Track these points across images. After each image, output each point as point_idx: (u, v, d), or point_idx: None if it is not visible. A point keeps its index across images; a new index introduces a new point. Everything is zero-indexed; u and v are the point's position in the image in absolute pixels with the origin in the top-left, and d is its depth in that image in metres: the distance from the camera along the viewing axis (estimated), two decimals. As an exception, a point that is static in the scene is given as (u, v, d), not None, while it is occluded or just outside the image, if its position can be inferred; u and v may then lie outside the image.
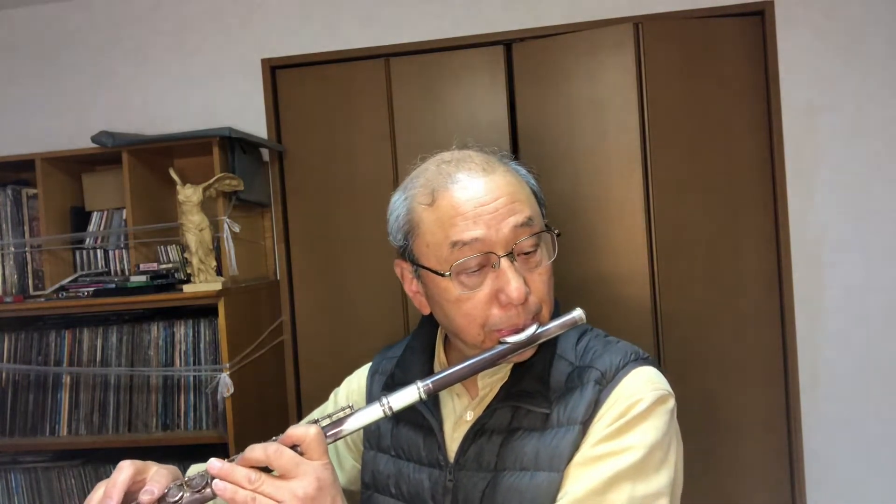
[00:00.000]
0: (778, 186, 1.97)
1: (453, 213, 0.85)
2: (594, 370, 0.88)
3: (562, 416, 0.87)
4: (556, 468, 0.84)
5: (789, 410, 1.97)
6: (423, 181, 0.90)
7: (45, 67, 2.26)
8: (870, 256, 1.98)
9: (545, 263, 0.90)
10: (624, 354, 0.90)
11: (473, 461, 0.89)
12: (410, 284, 0.96)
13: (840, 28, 1.98)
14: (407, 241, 0.91)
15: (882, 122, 1.97)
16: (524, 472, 0.86)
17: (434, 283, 0.89)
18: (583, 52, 1.97)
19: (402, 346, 1.06)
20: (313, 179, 2.13)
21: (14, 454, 1.94)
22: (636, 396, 0.85)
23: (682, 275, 1.94)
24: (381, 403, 0.81)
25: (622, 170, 1.94)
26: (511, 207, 0.86)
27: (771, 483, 1.97)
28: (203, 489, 0.75)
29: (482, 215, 0.85)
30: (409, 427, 0.97)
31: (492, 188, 0.86)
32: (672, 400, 0.88)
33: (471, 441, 0.90)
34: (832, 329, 2.00)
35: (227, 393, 1.74)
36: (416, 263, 0.91)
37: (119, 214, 2.06)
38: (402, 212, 0.92)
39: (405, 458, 0.96)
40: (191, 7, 2.20)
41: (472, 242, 0.84)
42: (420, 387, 0.81)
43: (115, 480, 0.75)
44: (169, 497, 0.74)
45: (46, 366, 1.89)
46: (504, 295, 0.84)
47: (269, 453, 0.75)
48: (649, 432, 0.83)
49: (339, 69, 2.12)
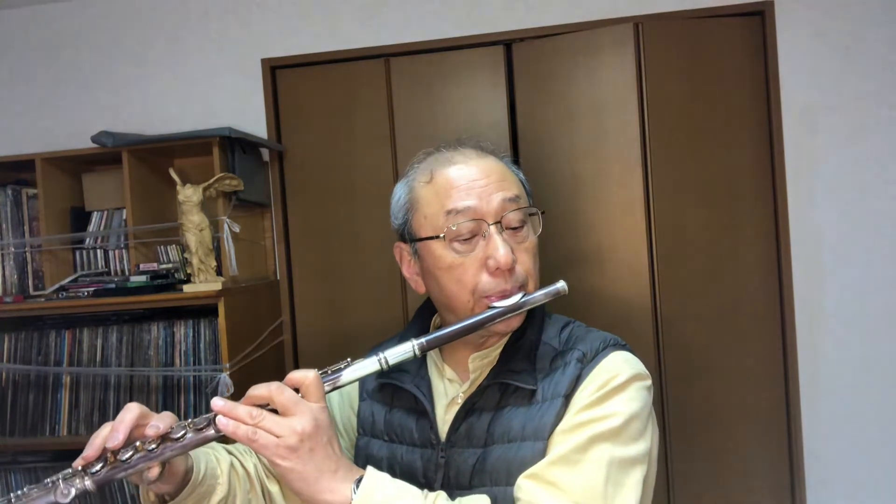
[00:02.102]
0: (778, 186, 1.97)
1: (449, 186, 0.96)
2: (577, 351, 0.96)
3: (547, 391, 0.93)
4: (540, 437, 0.90)
5: (789, 410, 1.97)
6: (423, 166, 1.02)
7: (45, 67, 2.26)
8: (870, 257, 1.98)
9: (531, 238, 0.98)
10: (604, 340, 0.98)
11: (464, 438, 0.94)
12: (409, 266, 1.04)
13: (840, 28, 1.98)
14: (407, 218, 1.01)
15: (882, 122, 1.97)
16: (511, 443, 0.91)
17: (430, 252, 0.97)
18: (583, 52, 1.97)
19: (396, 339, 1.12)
20: (313, 179, 2.13)
21: (14, 454, 1.94)
22: (615, 371, 0.92)
23: (682, 275, 1.94)
24: (377, 357, 0.87)
25: (622, 170, 1.94)
26: (501, 184, 0.96)
27: (771, 483, 1.97)
28: (205, 428, 0.79)
29: (474, 188, 0.95)
30: (402, 412, 1.01)
31: (484, 168, 0.98)
32: (649, 380, 0.95)
33: (462, 419, 0.95)
34: (832, 329, 2.00)
35: (227, 393, 1.74)
36: (414, 238, 1.00)
37: (119, 214, 2.06)
38: (403, 192, 1.03)
39: (398, 442, 1.01)
40: (191, 7, 2.20)
41: (465, 210, 0.94)
42: (415, 344, 0.88)
43: (121, 419, 0.79)
44: (173, 434, 0.78)
45: (46, 366, 1.89)
46: (493, 260, 0.92)
47: (272, 389, 0.81)
48: (628, 403, 0.89)
49: (339, 69, 2.12)
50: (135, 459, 0.76)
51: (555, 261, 1.95)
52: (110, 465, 0.75)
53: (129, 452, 0.76)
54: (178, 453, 0.79)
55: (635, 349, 1.00)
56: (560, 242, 1.96)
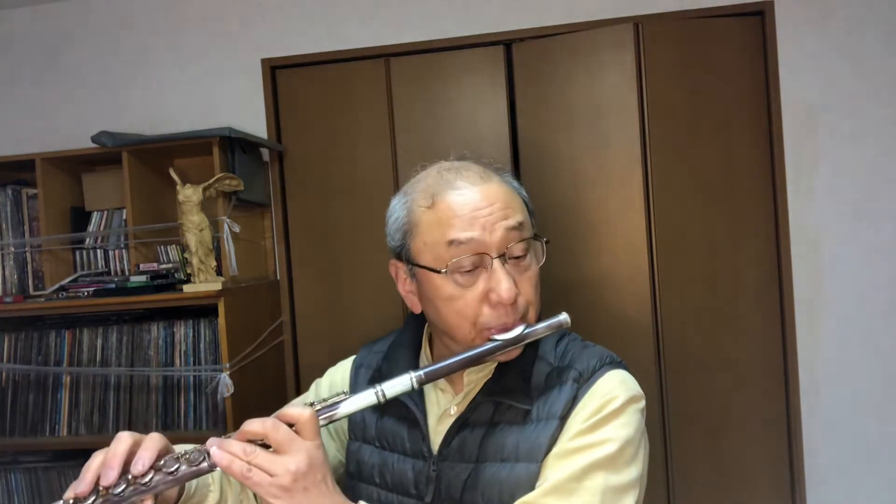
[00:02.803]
0: (778, 186, 1.97)
1: (451, 214, 0.92)
2: (573, 370, 0.94)
3: (541, 411, 0.92)
4: (534, 459, 0.88)
5: (789, 410, 1.97)
6: (424, 186, 0.97)
7: (45, 67, 2.26)
8: (870, 256, 1.98)
9: (534, 268, 0.95)
10: (600, 357, 0.96)
11: (456, 452, 0.93)
12: (404, 284, 1.02)
13: (840, 28, 1.98)
14: (404, 241, 0.97)
15: (882, 122, 1.97)
16: (504, 463, 0.90)
17: (429, 281, 0.94)
18: (583, 52, 1.97)
19: (386, 342, 1.12)
20: (313, 179, 2.13)
21: (14, 454, 1.94)
22: (611, 394, 0.90)
23: (682, 275, 1.94)
24: (374, 390, 0.85)
25: (622, 170, 1.94)
26: (504, 213, 0.92)
27: (771, 483, 1.97)
28: (200, 462, 0.78)
29: (478, 218, 0.91)
30: (393, 419, 1.01)
31: (487, 195, 0.93)
32: (643, 401, 0.94)
33: (454, 433, 0.94)
34: (832, 329, 2.00)
35: (227, 393, 1.74)
36: (412, 262, 0.97)
37: (119, 214, 2.06)
38: (402, 213, 0.98)
39: (389, 449, 1.00)
40: (191, 7, 2.20)
41: (468, 242, 0.90)
42: (413, 377, 0.86)
43: (114, 452, 0.78)
44: (167, 467, 0.77)
45: (46, 366, 1.89)
46: (495, 294, 0.89)
47: (267, 427, 0.79)
48: (623, 428, 0.88)
49: (339, 69, 2.12)
50: (128, 492, 0.75)
51: (555, 260, 1.95)
52: (102, 497, 0.75)
53: (122, 486, 0.75)
54: (171, 486, 0.79)
55: (635, 349, 1.00)
56: (560, 242, 1.96)
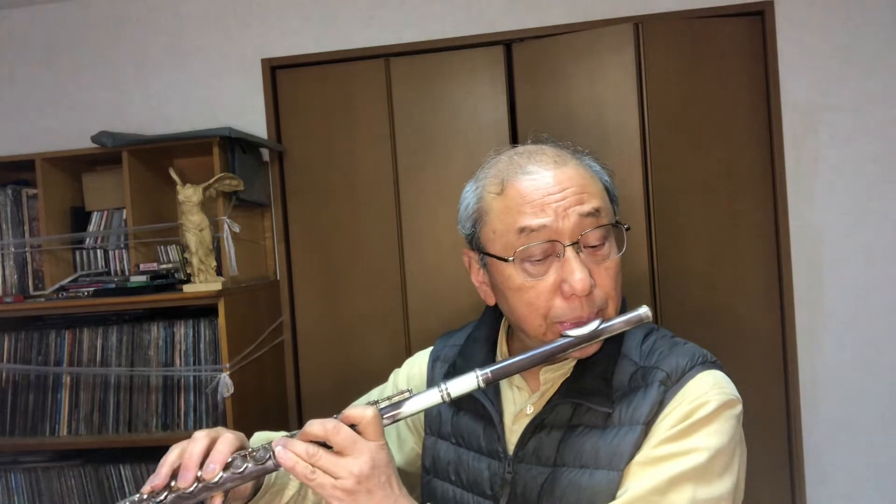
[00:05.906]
0: (778, 186, 1.97)
1: (521, 200, 0.86)
2: (660, 371, 0.87)
3: (624, 415, 0.85)
4: (615, 467, 0.83)
5: (789, 410, 1.97)
6: (495, 171, 0.91)
7: (45, 67, 2.26)
8: (870, 256, 1.98)
9: (613, 257, 0.88)
10: (691, 357, 0.88)
11: (532, 455, 0.89)
12: (477, 274, 0.96)
13: (840, 28, 1.98)
14: (475, 229, 0.92)
15: (882, 122, 1.97)
16: (584, 469, 0.85)
17: (499, 270, 0.89)
18: (583, 52, 1.97)
19: (464, 333, 1.06)
20: (313, 179, 2.13)
21: (14, 454, 1.94)
22: (702, 399, 0.83)
23: (682, 275, 1.94)
24: (439, 389, 0.81)
25: (622, 170, 1.93)
26: (579, 198, 0.86)
27: (771, 483, 1.97)
28: (266, 461, 0.78)
29: (549, 204, 0.85)
30: (469, 416, 0.97)
31: (561, 179, 0.87)
32: (740, 406, 0.87)
33: (530, 435, 0.89)
34: (832, 329, 2.00)
35: (227, 393, 1.74)
36: (483, 251, 0.91)
37: (119, 214, 2.06)
38: (472, 200, 0.93)
39: (465, 447, 0.96)
40: (190, 7, 2.20)
41: (539, 229, 0.84)
42: (479, 375, 0.81)
43: (191, 452, 0.77)
44: (234, 467, 0.78)
45: (46, 366, 1.89)
46: (567, 285, 0.83)
47: (328, 429, 0.77)
48: (715, 436, 0.82)
49: (339, 69, 2.12)
50: (198, 490, 0.77)
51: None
52: (174, 492, 0.77)
53: (194, 485, 0.77)
54: (238, 484, 0.79)
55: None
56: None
